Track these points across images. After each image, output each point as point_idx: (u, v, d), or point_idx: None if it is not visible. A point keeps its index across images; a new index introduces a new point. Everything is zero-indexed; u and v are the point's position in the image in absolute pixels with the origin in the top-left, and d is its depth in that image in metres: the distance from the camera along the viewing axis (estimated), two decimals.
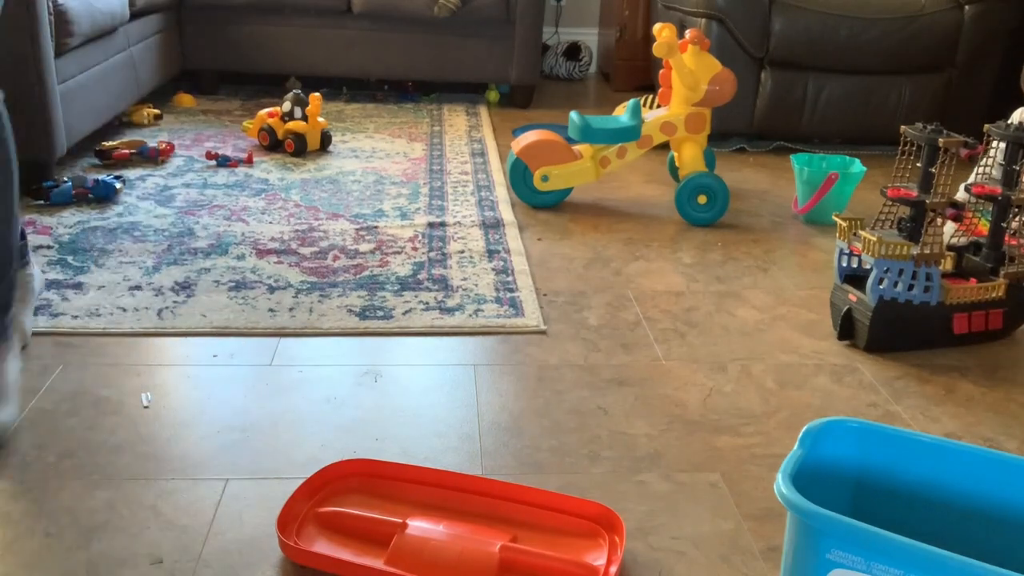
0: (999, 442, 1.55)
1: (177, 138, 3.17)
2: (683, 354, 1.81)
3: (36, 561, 1.18)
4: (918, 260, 1.79)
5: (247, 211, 2.50)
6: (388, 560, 1.18)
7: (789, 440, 1.52)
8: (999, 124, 1.87)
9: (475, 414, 1.57)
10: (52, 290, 1.95)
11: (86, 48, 2.73)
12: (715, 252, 2.37)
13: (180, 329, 1.81)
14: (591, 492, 1.36)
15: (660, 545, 1.26)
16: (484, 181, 2.87)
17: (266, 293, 1.99)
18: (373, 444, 1.47)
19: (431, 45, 3.78)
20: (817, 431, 1.10)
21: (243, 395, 1.60)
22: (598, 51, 4.79)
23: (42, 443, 1.43)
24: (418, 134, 3.40)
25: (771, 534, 1.29)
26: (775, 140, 3.41)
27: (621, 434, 1.53)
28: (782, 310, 2.04)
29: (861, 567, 0.91)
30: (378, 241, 2.32)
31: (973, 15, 3.26)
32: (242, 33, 3.75)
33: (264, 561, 1.20)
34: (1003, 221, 1.89)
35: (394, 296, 2.00)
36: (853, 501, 1.13)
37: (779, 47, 3.21)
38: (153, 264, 2.11)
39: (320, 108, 3.07)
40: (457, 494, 1.33)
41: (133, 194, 2.59)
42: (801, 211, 2.63)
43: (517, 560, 1.19)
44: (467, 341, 1.83)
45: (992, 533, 1.07)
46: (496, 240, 2.37)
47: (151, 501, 1.31)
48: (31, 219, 2.35)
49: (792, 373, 1.76)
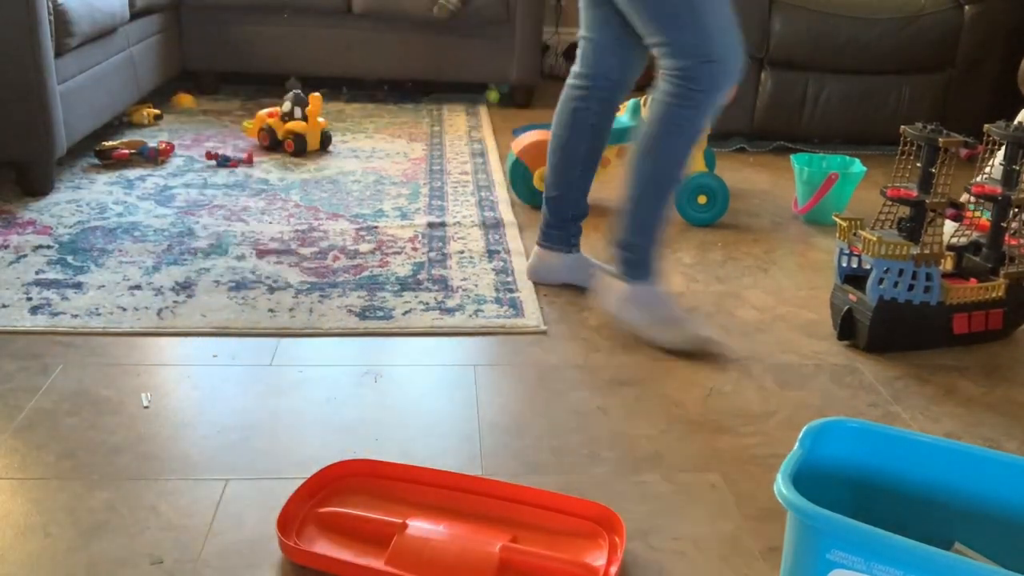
0: (999, 442, 1.55)
1: (177, 138, 3.17)
2: (683, 354, 1.81)
3: (36, 561, 1.18)
4: (918, 260, 1.79)
5: (247, 211, 2.50)
6: (388, 560, 1.18)
7: (789, 440, 1.52)
8: (999, 124, 1.87)
9: (475, 414, 1.57)
10: (52, 290, 1.95)
11: (86, 48, 2.73)
12: (715, 252, 2.37)
13: (180, 329, 1.81)
14: (591, 492, 1.36)
15: (660, 545, 1.26)
16: (484, 181, 2.87)
17: (266, 293, 1.99)
18: (373, 444, 1.47)
19: (431, 45, 3.78)
20: (817, 431, 1.10)
21: (243, 395, 1.60)
22: None
23: (42, 443, 1.43)
24: (418, 134, 3.41)
25: (771, 534, 1.29)
26: (775, 140, 3.41)
27: (621, 434, 1.53)
28: (782, 310, 2.03)
29: (861, 567, 0.91)
30: (378, 241, 2.32)
31: (973, 15, 3.26)
32: (242, 33, 3.75)
33: (264, 561, 1.20)
34: (1003, 221, 1.89)
35: (394, 296, 2.00)
36: (853, 501, 1.13)
37: (779, 47, 3.21)
38: (153, 264, 2.11)
39: (320, 108, 3.07)
40: (457, 494, 1.33)
41: (133, 194, 2.59)
42: (801, 211, 2.63)
43: (517, 560, 1.19)
44: (467, 341, 1.83)
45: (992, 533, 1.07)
46: (496, 240, 2.37)
47: (151, 501, 1.31)
48: (31, 219, 2.35)
49: (792, 373, 1.76)
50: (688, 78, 1.72)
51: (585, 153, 2.01)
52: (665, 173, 1.81)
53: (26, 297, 1.91)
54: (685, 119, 1.75)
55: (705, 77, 1.71)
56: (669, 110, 1.75)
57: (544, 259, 2.09)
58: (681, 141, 1.77)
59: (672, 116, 1.75)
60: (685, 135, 1.76)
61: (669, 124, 1.76)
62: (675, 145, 1.77)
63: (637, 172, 1.83)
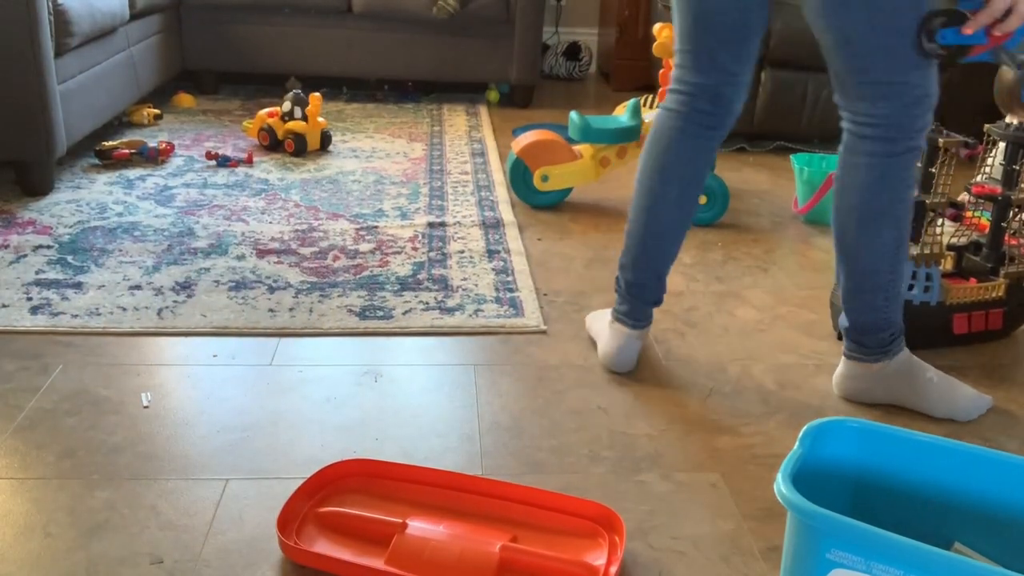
0: (999, 442, 1.55)
1: (177, 138, 3.17)
2: (683, 354, 1.81)
3: (36, 561, 1.18)
4: (918, 260, 1.79)
5: (247, 211, 2.50)
6: (388, 560, 1.18)
7: (789, 440, 1.52)
8: (999, 124, 1.87)
9: (475, 414, 1.57)
10: (52, 290, 1.95)
11: (86, 48, 2.73)
12: (715, 252, 2.37)
13: (180, 329, 1.81)
14: (591, 492, 1.36)
15: (660, 545, 1.26)
16: (484, 181, 2.87)
17: (266, 293, 1.99)
18: (373, 444, 1.47)
19: (431, 45, 3.78)
20: (817, 431, 1.10)
21: (243, 395, 1.60)
22: (598, 51, 4.79)
23: (42, 443, 1.43)
24: (418, 134, 3.41)
25: (771, 534, 1.29)
26: (775, 140, 3.41)
27: (621, 434, 1.53)
28: (782, 310, 2.03)
29: (861, 567, 0.91)
30: (378, 241, 2.32)
31: None
32: (242, 33, 3.75)
33: (264, 561, 1.20)
34: (1003, 221, 1.89)
35: (394, 296, 2.00)
36: (853, 501, 1.13)
37: (779, 47, 3.21)
38: (153, 264, 2.11)
39: (320, 108, 3.07)
40: (457, 494, 1.33)
41: (133, 194, 2.59)
42: (801, 211, 2.63)
43: (517, 560, 1.19)
44: (467, 341, 1.83)
45: (992, 533, 1.07)
46: (496, 240, 2.37)
47: (151, 501, 1.31)
48: (31, 219, 2.35)
49: (792, 373, 1.76)
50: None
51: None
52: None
53: (26, 297, 1.91)
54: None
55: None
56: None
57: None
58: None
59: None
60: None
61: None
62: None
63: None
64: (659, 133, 1.62)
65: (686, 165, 1.61)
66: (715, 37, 1.54)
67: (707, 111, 1.58)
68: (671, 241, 1.67)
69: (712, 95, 1.57)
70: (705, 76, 1.57)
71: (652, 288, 1.71)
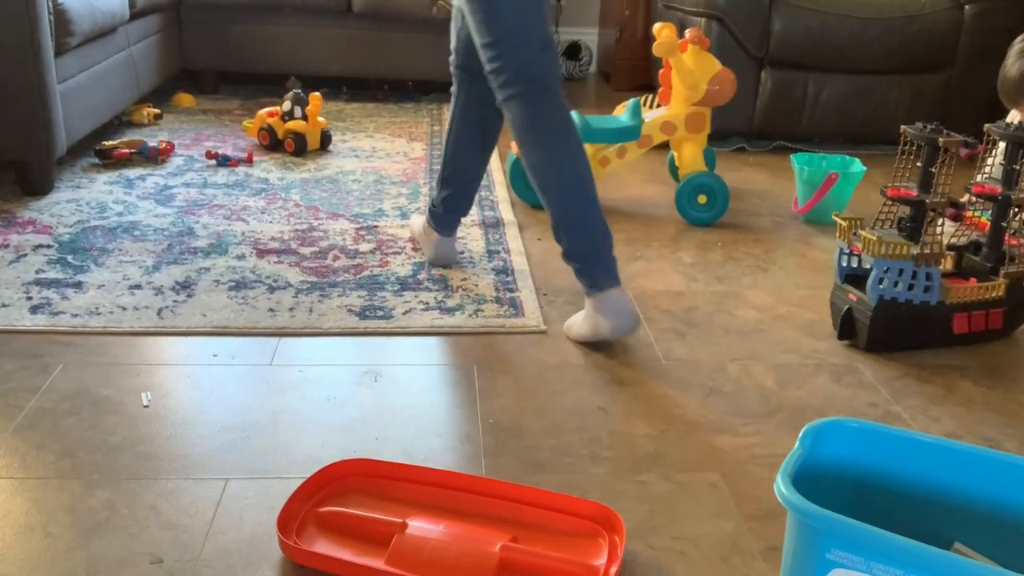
0: (999, 442, 1.55)
1: (177, 138, 3.17)
2: (683, 354, 1.81)
3: (36, 561, 1.18)
4: (918, 260, 1.79)
5: (247, 211, 2.50)
6: (388, 560, 1.18)
7: (789, 440, 1.52)
8: (999, 124, 1.87)
9: (475, 414, 1.57)
10: (52, 289, 1.95)
11: (86, 47, 2.73)
12: (715, 252, 2.37)
13: (180, 328, 1.81)
14: (591, 492, 1.36)
15: (660, 545, 1.26)
16: (484, 181, 2.86)
17: (266, 293, 1.99)
18: (373, 444, 1.47)
19: (431, 45, 3.77)
20: (817, 431, 1.10)
21: (243, 395, 1.60)
22: (598, 51, 4.79)
23: (42, 443, 1.43)
24: (418, 134, 3.40)
25: (771, 534, 1.29)
26: (775, 140, 3.41)
27: (621, 434, 1.53)
28: (782, 310, 2.04)
29: (861, 567, 0.91)
30: (378, 241, 2.32)
31: (973, 15, 3.26)
32: (242, 33, 3.75)
33: (264, 561, 1.20)
34: (1003, 221, 1.89)
35: (394, 296, 2.00)
36: (853, 501, 1.13)
37: (779, 47, 3.21)
38: (153, 263, 2.11)
39: (320, 108, 3.07)
40: (457, 494, 1.33)
41: (133, 193, 2.59)
42: (801, 211, 2.63)
43: (517, 560, 1.19)
44: (467, 341, 1.83)
45: (992, 533, 1.07)
46: (496, 240, 2.37)
47: (151, 501, 1.31)
48: (31, 218, 2.35)
49: (792, 373, 1.76)
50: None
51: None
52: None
53: (26, 296, 1.91)
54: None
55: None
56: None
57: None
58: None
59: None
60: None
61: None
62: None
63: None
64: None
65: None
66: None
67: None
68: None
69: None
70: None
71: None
